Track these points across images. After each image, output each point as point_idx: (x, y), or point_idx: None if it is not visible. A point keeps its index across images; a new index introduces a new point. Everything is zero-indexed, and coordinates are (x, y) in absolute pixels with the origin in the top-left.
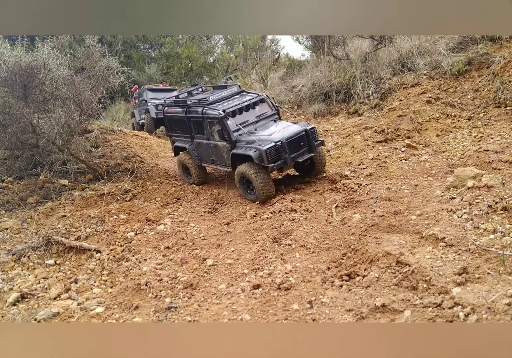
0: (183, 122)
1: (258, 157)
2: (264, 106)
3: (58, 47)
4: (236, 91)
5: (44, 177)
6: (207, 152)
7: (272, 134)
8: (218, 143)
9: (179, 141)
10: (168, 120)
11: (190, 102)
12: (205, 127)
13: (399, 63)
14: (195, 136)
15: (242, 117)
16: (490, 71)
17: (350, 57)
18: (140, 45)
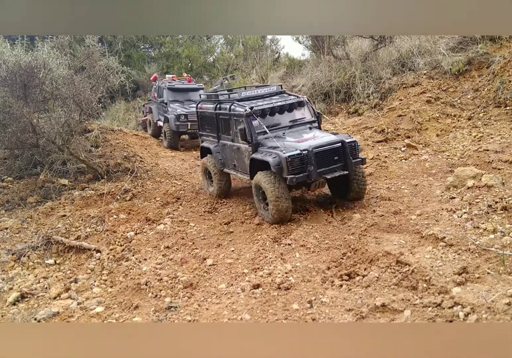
0: (212, 119)
1: (276, 165)
2: (303, 111)
3: (58, 46)
4: (275, 90)
5: (44, 177)
6: (231, 156)
7: (301, 142)
8: (240, 145)
9: (207, 141)
10: (200, 117)
11: (222, 97)
12: (231, 126)
13: (399, 63)
14: (222, 136)
15: (273, 119)
16: (490, 71)
17: (350, 56)
18: (140, 45)
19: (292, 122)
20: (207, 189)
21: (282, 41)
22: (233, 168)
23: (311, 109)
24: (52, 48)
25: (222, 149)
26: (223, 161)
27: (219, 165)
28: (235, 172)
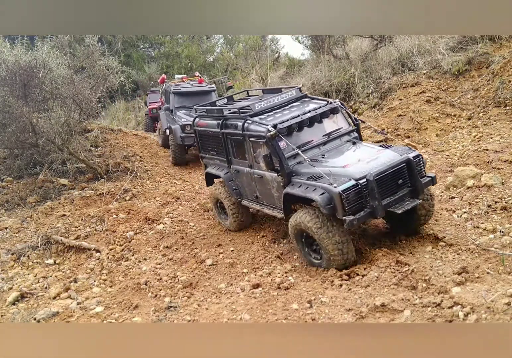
0: (217, 139)
1: (327, 204)
2: (337, 119)
3: (57, 46)
4: (295, 96)
5: (43, 177)
6: (250, 186)
7: (350, 166)
8: (265, 173)
9: (213, 165)
10: (199, 136)
11: (228, 111)
12: (247, 149)
13: (398, 63)
14: (234, 160)
15: (303, 135)
16: (490, 71)
17: (350, 56)
18: (140, 45)
19: (327, 136)
20: (221, 221)
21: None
22: (254, 200)
23: (347, 116)
24: (52, 48)
25: (237, 176)
26: (239, 191)
27: (235, 195)
28: (259, 206)
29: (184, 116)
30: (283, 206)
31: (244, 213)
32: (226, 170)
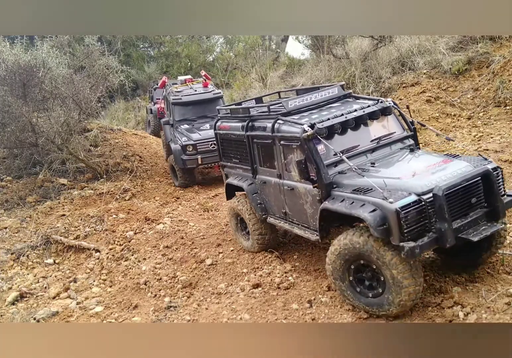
0: (241, 144)
1: (379, 225)
2: (388, 122)
3: (57, 46)
4: (337, 94)
5: (43, 176)
6: (278, 200)
7: (408, 177)
8: (297, 185)
9: (235, 175)
10: (221, 141)
11: (255, 111)
12: (277, 155)
13: (399, 62)
14: (260, 169)
15: (347, 139)
16: (490, 70)
17: (350, 56)
18: (140, 44)
19: (376, 141)
20: (240, 241)
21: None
22: (282, 218)
23: (400, 118)
24: (51, 47)
25: (262, 188)
26: (264, 206)
27: (259, 211)
28: (287, 225)
29: (185, 132)
30: (318, 226)
31: (269, 233)
32: (250, 181)
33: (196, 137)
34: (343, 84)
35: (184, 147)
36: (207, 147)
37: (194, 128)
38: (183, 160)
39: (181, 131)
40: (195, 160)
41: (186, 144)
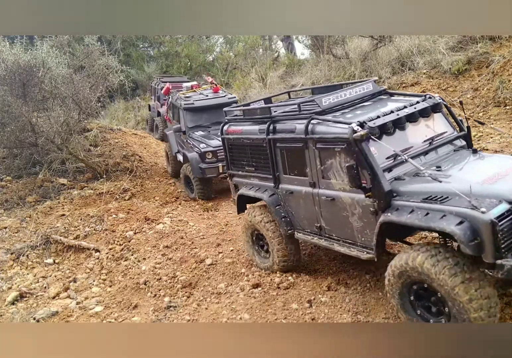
0: (259, 149)
1: (471, 240)
2: (437, 120)
3: (57, 45)
4: (371, 90)
5: (43, 176)
6: (309, 212)
7: (491, 181)
8: (339, 194)
9: (248, 185)
10: (230, 147)
11: (277, 111)
12: (310, 160)
13: (398, 62)
14: (283, 177)
15: (397, 140)
16: (490, 70)
17: (349, 56)
18: (139, 44)
19: (428, 142)
20: (256, 260)
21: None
22: (316, 233)
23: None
24: (51, 47)
25: (287, 199)
26: (290, 220)
27: (285, 226)
28: (323, 241)
29: (202, 139)
30: (376, 242)
31: (294, 251)
32: (271, 191)
33: (216, 143)
34: (376, 79)
35: (202, 155)
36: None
37: (211, 135)
38: (201, 169)
39: (197, 138)
40: (216, 169)
41: (205, 151)
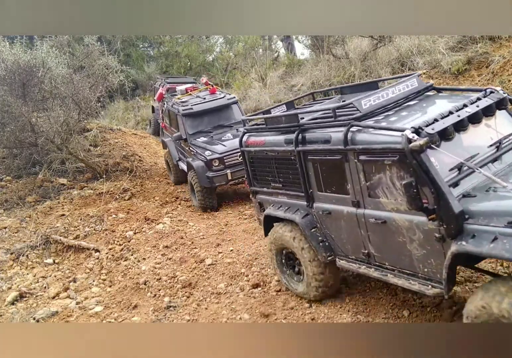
0: (287, 163)
1: None
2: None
3: (57, 45)
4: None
5: (42, 176)
6: (354, 236)
7: None
8: (392, 216)
9: (276, 204)
10: (251, 161)
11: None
12: (351, 174)
13: (398, 62)
14: (319, 195)
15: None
16: (490, 71)
17: (349, 56)
18: (139, 44)
19: (495, 146)
20: (286, 283)
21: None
22: (363, 260)
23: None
24: (51, 47)
25: (325, 221)
26: (329, 245)
27: (323, 252)
28: (373, 271)
29: (206, 146)
30: (447, 276)
31: (333, 278)
32: (304, 211)
33: (222, 149)
34: (420, 74)
35: (209, 162)
36: (236, 159)
37: (215, 140)
38: (209, 177)
39: (200, 145)
40: (224, 176)
41: (211, 158)
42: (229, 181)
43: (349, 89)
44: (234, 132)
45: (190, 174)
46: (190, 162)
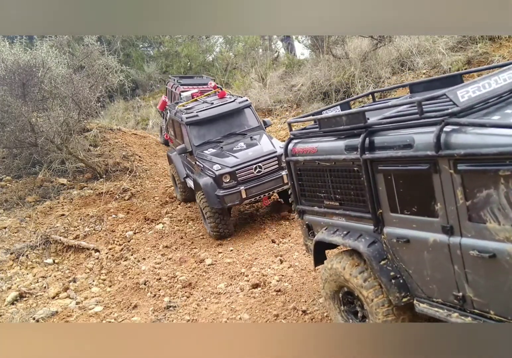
0: (346, 176)
1: None
2: None
3: (56, 45)
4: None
5: (42, 176)
6: (443, 272)
7: None
8: (510, 250)
9: (330, 228)
10: (299, 173)
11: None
12: (441, 190)
13: (398, 62)
14: (392, 217)
15: None
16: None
17: (349, 56)
18: (139, 44)
19: None
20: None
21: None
22: (455, 305)
23: None
24: (51, 47)
25: (399, 251)
26: (405, 283)
27: (396, 292)
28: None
29: (214, 158)
30: None
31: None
32: (370, 238)
33: (233, 162)
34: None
35: (218, 179)
36: (251, 172)
37: (225, 151)
38: (219, 197)
39: (207, 157)
40: (237, 194)
41: (221, 173)
42: (243, 200)
43: (421, 86)
44: (247, 141)
45: (198, 195)
46: (197, 179)
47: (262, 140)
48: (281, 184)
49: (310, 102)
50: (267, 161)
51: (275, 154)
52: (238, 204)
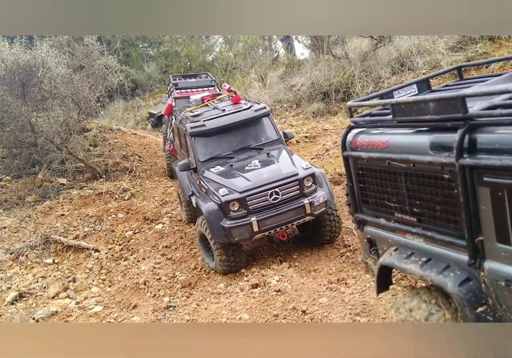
0: (430, 184)
1: None
2: None
3: (56, 45)
4: None
5: (42, 176)
6: None
7: None
8: None
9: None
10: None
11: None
12: None
13: (398, 62)
14: (497, 249)
15: None
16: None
17: (349, 56)
18: (139, 44)
19: None
20: None
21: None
22: None
23: None
24: (50, 47)
25: (508, 296)
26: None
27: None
28: None
29: (221, 179)
30: None
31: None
32: (462, 272)
33: (244, 185)
34: None
35: (224, 206)
36: (265, 199)
37: (234, 171)
38: (225, 229)
39: (214, 178)
40: (248, 226)
41: (228, 200)
42: (255, 234)
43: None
44: (263, 158)
45: (200, 221)
46: (199, 203)
47: (281, 158)
48: (302, 214)
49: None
50: (286, 185)
51: (296, 177)
52: (248, 239)
